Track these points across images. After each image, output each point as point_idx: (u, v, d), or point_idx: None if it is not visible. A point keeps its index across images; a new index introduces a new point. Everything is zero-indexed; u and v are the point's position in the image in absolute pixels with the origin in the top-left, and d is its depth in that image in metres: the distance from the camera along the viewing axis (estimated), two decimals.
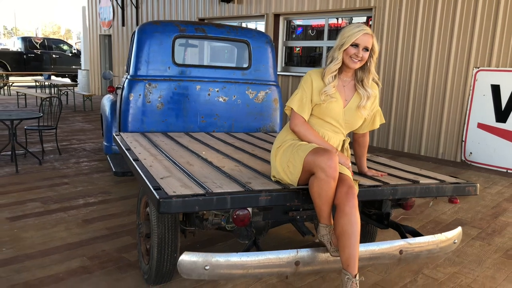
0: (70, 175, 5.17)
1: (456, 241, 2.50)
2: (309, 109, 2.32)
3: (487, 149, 6.36)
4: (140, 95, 4.00)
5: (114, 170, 4.12)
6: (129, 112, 4.00)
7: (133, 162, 2.66)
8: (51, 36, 46.21)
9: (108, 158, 4.69)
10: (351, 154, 2.65)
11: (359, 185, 2.25)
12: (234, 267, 2.01)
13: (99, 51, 14.56)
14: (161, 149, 3.15)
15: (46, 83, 12.54)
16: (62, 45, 18.95)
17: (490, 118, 6.31)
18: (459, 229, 2.57)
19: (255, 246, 2.20)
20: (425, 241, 2.35)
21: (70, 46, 19.34)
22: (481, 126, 6.42)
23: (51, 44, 18.21)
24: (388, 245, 2.25)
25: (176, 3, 11.42)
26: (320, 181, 1.98)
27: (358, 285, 1.94)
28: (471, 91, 6.46)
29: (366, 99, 2.31)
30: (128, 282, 2.81)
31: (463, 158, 6.63)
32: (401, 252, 2.26)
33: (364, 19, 7.95)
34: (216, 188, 2.11)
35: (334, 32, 8.44)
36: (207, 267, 1.96)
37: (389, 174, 2.62)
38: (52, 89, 12.29)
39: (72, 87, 11.75)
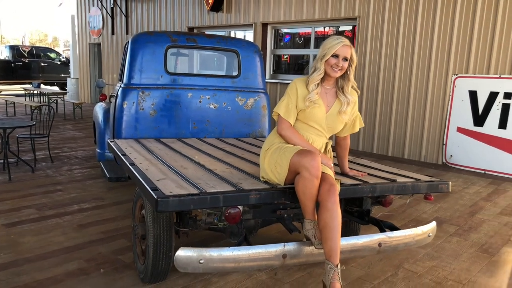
0: (63, 182, 5.28)
1: (430, 234, 2.70)
2: (294, 115, 2.53)
3: (466, 151, 6.63)
4: (133, 102, 4.16)
5: (108, 175, 4.26)
6: (123, 119, 4.15)
7: (130, 167, 2.81)
8: (38, 44, 45.94)
9: (102, 165, 4.83)
10: (334, 156, 2.84)
11: (341, 184, 2.45)
12: (226, 261, 2.18)
13: (88, 59, 14.64)
14: (155, 154, 3.31)
15: (36, 92, 12.58)
16: (50, 53, 18.99)
17: (468, 122, 6.59)
18: (433, 224, 2.78)
19: (245, 241, 2.37)
20: (402, 234, 2.55)
21: (58, 54, 19.38)
22: (460, 130, 6.69)
23: (39, 52, 18.24)
24: (368, 239, 2.45)
25: (166, 12, 11.60)
26: (305, 179, 2.18)
27: (339, 273, 2.13)
28: (450, 97, 6.74)
29: (346, 105, 2.52)
30: (125, 282, 2.95)
31: (444, 161, 6.89)
32: (380, 245, 2.46)
33: (350, 27, 8.22)
34: (209, 188, 2.29)
35: (321, 40, 8.69)
36: (201, 261, 2.13)
37: (369, 174, 2.82)
38: (42, 97, 12.33)
39: (62, 95, 11.81)
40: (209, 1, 9.90)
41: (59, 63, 18.42)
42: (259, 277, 3.07)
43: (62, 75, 18.02)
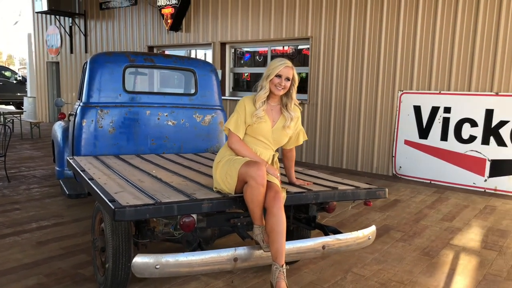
0: (21, 201, 5.26)
1: (370, 237, 2.98)
2: (243, 129, 2.76)
3: (413, 163, 7.10)
4: (92, 120, 4.28)
5: (68, 192, 4.32)
6: (82, 137, 4.25)
7: (89, 181, 2.94)
8: None
9: (61, 182, 4.86)
10: (281, 167, 3.09)
11: (287, 192, 2.69)
12: (181, 266, 2.35)
13: (46, 78, 14.42)
14: (114, 170, 3.44)
15: None
16: (5, 72, 18.49)
17: (414, 135, 7.08)
18: (373, 228, 3.06)
19: (199, 248, 2.55)
20: (344, 237, 2.81)
21: (14, 73, 18.91)
22: (407, 142, 7.17)
23: None
24: (313, 242, 2.69)
25: (125, 31, 11.70)
26: (252, 188, 2.41)
27: (284, 273, 2.35)
28: (397, 112, 7.22)
29: (290, 120, 2.79)
30: None
31: (394, 172, 7.33)
32: (324, 247, 2.70)
33: (308, 46, 8.59)
34: (164, 198, 2.47)
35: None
36: (157, 266, 2.29)
37: (314, 183, 3.08)
38: None
39: (19, 115, 11.58)
40: (168, 21, 10.12)
41: (15, 82, 17.98)
42: (217, 285, 3.24)
43: (18, 94, 17.59)
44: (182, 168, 3.62)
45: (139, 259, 2.29)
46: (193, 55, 10.90)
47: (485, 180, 6.44)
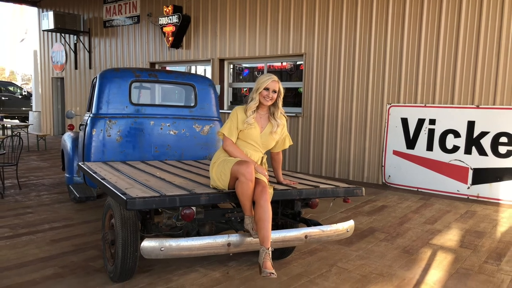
0: (33, 205, 5.65)
1: (349, 230, 3.38)
2: (235, 134, 3.21)
3: (402, 172, 7.51)
4: (101, 130, 4.71)
5: (78, 196, 4.73)
6: (92, 144, 4.68)
7: (101, 181, 3.36)
8: None
9: (71, 187, 5.28)
10: (270, 170, 3.52)
11: (274, 189, 3.10)
12: (182, 249, 2.76)
13: (51, 93, 14.92)
14: (122, 172, 3.86)
15: None
16: (11, 87, 19.03)
17: (402, 146, 7.50)
18: (351, 222, 3.46)
19: (198, 235, 2.95)
20: (324, 229, 3.21)
21: (20, 88, 19.44)
22: (395, 152, 7.59)
23: None
24: (296, 232, 3.09)
25: (128, 48, 12.23)
26: (242, 183, 2.83)
27: (270, 254, 2.75)
28: (386, 124, 7.65)
29: (276, 127, 3.24)
30: (96, 282, 3.43)
31: (383, 181, 7.73)
32: (306, 237, 3.11)
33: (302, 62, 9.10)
34: (168, 192, 2.88)
35: (278, 73, 9.53)
36: (162, 249, 2.70)
37: (300, 183, 3.49)
38: (5, 130, 12.48)
39: (25, 128, 12.03)
40: (169, 39, 10.64)
41: (20, 96, 18.50)
42: (214, 275, 3.63)
43: (23, 108, 18.09)
44: (183, 171, 4.04)
45: (147, 243, 2.70)
46: (193, 71, 11.40)
47: (468, 188, 6.83)
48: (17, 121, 18.04)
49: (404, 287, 3.54)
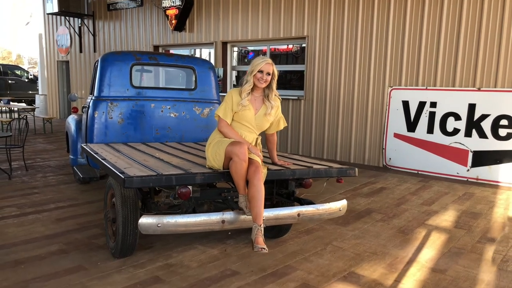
0: (39, 186, 5.81)
1: (341, 209, 3.48)
2: (230, 116, 3.28)
3: (402, 154, 7.57)
4: (103, 112, 4.81)
5: (82, 176, 4.87)
6: (94, 127, 4.79)
7: (102, 161, 3.47)
8: (1, 62, 45.32)
9: (75, 168, 5.41)
10: (265, 151, 3.61)
11: (268, 169, 3.20)
12: (179, 226, 2.87)
13: (56, 76, 15.03)
14: (122, 153, 3.97)
15: (5, 108, 12.87)
16: (17, 70, 19.18)
17: (403, 129, 7.54)
18: (344, 201, 3.56)
19: (193, 212, 3.07)
20: (317, 208, 3.31)
21: (26, 71, 19.59)
22: (396, 135, 7.63)
23: (6, 70, 18.43)
24: (289, 210, 3.20)
25: (132, 31, 12.25)
26: (236, 163, 2.92)
27: (262, 231, 2.86)
28: (387, 106, 7.68)
29: (270, 109, 3.31)
30: (99, 257, 3.56)
31: (384, 163, 7.80)
32: (299, 215, 3.21)
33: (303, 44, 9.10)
34: (165, 172, 2.98)
35: (284, 56, 9.54)
36: (159, 225, 2.81)
37: (294, 164, 3.58)
38: (12, 114, 12.68)
39: (32, 111, 12.20)
40: (173, 22, 10.65)
41: (26, 80, 18.66)
42: (212, 252, 3.76)
43: (30, 92, 18.27)
44: (182, 152, 4.14)
45: (144, 220, 2.82)
46: (197, 54, 11.43)
47: (468, 170, 6.89)
48: (23, 104, 18.23)
49: (396, 265, 3.64)
